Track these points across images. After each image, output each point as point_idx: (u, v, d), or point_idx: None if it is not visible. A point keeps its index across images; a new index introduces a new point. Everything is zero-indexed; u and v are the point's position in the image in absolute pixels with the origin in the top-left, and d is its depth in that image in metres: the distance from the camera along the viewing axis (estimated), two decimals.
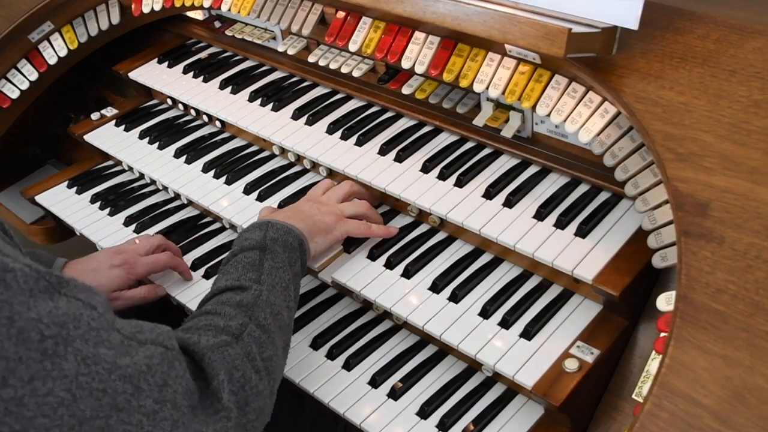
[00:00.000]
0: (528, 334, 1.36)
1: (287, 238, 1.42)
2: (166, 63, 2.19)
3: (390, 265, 1.55)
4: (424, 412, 1.39)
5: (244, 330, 1.21)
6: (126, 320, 1.06)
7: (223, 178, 1.86)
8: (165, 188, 1.96)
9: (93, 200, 2.02)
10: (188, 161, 1.96)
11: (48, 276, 0.95)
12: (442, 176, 1.60)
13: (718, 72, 1.25)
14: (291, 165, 1.88)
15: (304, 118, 1.85)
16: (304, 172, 1.85)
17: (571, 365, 1.27)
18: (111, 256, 1.64)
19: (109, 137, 2.12)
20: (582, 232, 1.40)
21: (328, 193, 1.63)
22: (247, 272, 1.33)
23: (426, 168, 1.63)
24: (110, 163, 2.16)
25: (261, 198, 1.78)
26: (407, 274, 1.52)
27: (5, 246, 0.97)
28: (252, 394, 1.16)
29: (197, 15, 2.26)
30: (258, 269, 1.33)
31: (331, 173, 1.79)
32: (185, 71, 2.15)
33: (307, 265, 1.49)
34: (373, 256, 1.58)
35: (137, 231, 1.89)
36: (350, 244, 1.60)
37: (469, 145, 1.68)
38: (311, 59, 1.87)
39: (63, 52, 2.16)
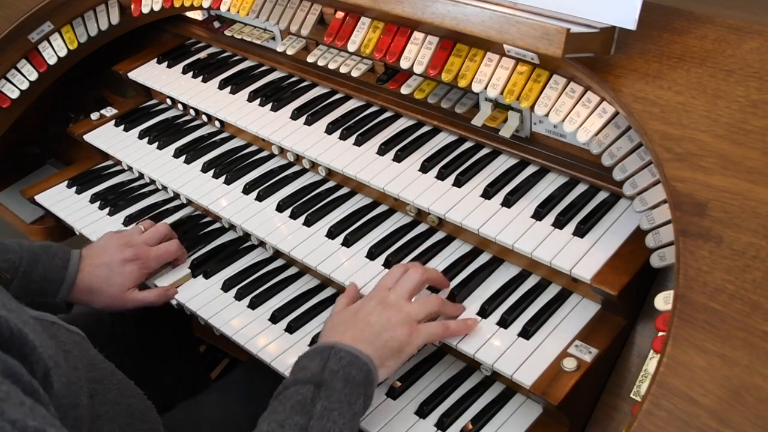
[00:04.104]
0: (526, 333, 1.36)
1: (350, 370, 1.22)
2: (165, 63, 2.20)
3: (389, 264, 1.55)
4: (422, 412, 1.39)
5: None
6: None
7: (223, 178, 1.86)
8: (164, 188, 1.97)
9: (92, 200, 2.02)
10: (187, 161, 1.96)
11: None
12: (441, 176, 1.60)
13: (716, 72, 1.25)
14: (290, 165, 1.88)
15: (303, 118, 1.85)
16: (303, 171, 1.85)
17: (569, 364, 1.28)
18: (121, 248, 1.63)
19: (109, 137, 2.12)
20: (580, 231, 1.40)
21: (397, 288, 1.38)
22: (295, 414, 1.15)
23: (425, 168, 1.63)
24: (110, 162, 2.17)
25: (260, 198, 1.78)
26: None
27: None
28: None
29: (196, 15, 2.26)
30: (308, 412, 1.15)
31: (330, 173, 1.79)
32: (184, 71, 2.15)
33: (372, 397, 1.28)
34: (372, 256, 1.57)
35: None
36: (349, 244, 1.61)
37: (467, 144, 1.68)
38: (310, 59, 1.87)
39: (63, 53, 2.16)
